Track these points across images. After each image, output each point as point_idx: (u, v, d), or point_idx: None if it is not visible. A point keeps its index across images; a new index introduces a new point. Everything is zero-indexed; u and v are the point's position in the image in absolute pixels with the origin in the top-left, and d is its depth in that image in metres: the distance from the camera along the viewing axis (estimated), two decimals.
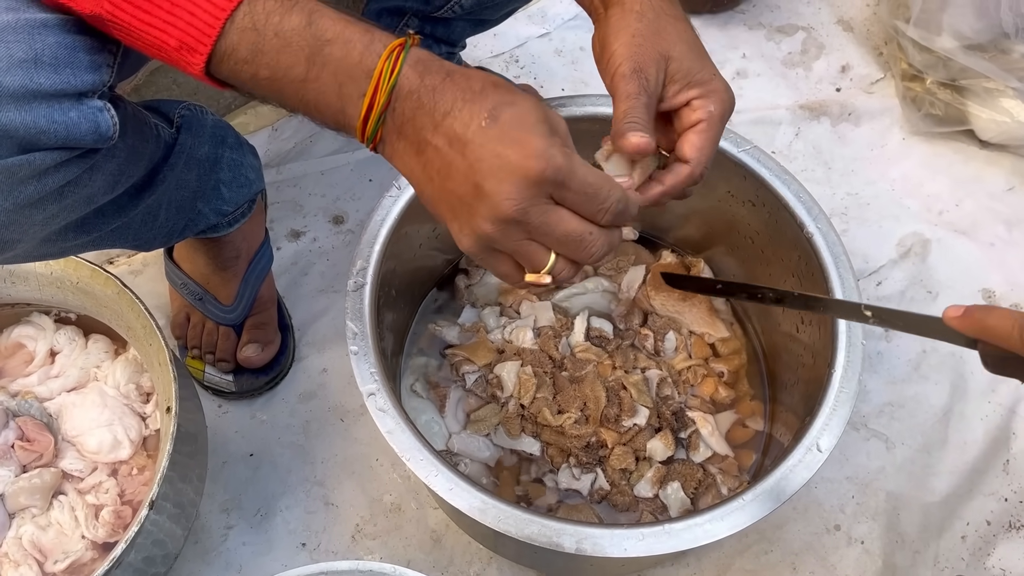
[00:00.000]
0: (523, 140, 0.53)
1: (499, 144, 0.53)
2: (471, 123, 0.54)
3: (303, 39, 0.54)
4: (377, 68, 0.54)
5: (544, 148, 0.53)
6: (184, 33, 0.53)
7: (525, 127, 0.53)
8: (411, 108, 0.55)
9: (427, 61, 0.55)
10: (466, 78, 0.55)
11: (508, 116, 0.53)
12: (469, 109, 0.54)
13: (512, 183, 0.54)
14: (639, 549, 0.70)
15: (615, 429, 0.92)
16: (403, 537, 0.98)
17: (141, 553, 0.79)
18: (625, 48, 0.65)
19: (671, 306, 1.02)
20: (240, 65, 0.55)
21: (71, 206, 0.64)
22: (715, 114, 0.66)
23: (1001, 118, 1.22)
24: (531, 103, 0.55)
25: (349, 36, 0.54)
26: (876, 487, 1.03)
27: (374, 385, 0.77)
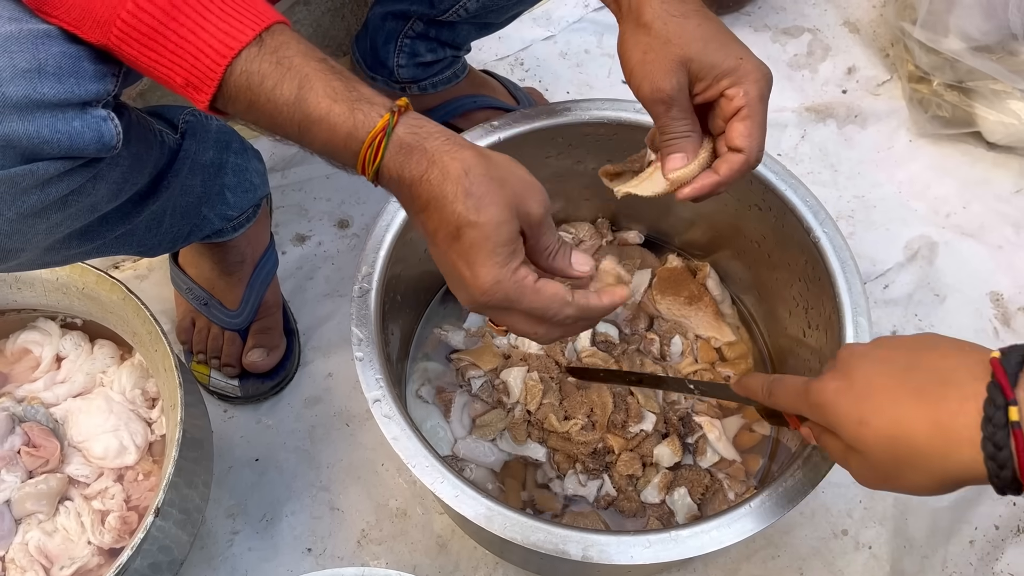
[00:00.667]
0: (476, 269, 0.56)
1: (459, 261, 0.57)
2: (439, 230, 0.57)
3: (292, 112, 0.56)
4: (360, 155, 0.56)
5: (491, 283, 0.56)
6: (190, 73, 0.55)
7: (481, 255, 0.56)
8: (395, 189, 0.59)
9: (409, 150, 0.56)
10: (442, 178, 0.56)
11: (469, 239, 0.56)
12: (438, 215, 0.56)
13: (465, 295, 0.59)
14: (646, 556, 0.70)
15: (622, 435, 0.91)
16: (409, 543, 0.98)
17: (147, 559, 0.79)
18: (639, 68, 0.67)
19: (677, 310, 1.02)
20: (241, 113, 0.57)
21: (75, 215, 0.64)
22: (753, 96, 0.65)
23: (1009, 120, 1.22)
24: (494, 224, 0.56)
25: (333, 120, 0.56)
26: (884, 492, 1.02)
27: (379, 391, 0.77)
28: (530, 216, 0.58)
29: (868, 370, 0.57)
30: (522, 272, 0.58)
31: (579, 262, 0.63)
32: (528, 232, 0.59)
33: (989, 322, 1.15)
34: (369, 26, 1.15)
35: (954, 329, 1.13)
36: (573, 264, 0.62)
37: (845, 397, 0.57)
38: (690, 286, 1.03)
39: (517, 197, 0.57)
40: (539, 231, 0.59)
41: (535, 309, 0.59)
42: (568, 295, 0.60)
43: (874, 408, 0.55)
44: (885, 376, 0.56)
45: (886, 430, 0.54)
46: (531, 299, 0.58)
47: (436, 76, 1.15)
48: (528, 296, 0.58)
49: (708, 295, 1.03)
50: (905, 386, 0.54)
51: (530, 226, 0.58)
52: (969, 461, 0.51)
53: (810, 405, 0.60)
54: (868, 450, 0.55)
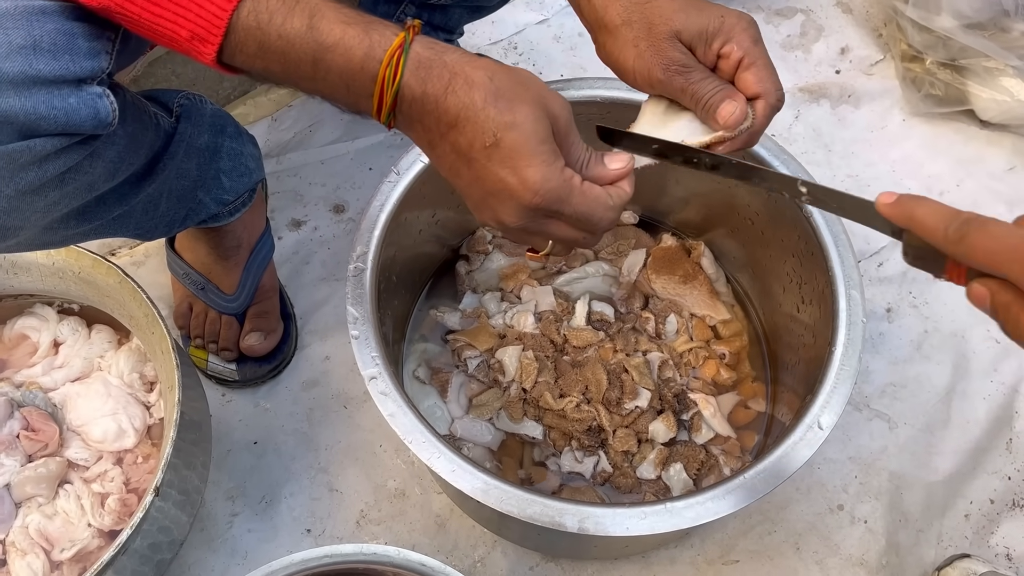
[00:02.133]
0: (523, 171, 0.55)
1: (500, 168, 0.55)
2: (474, 142, 0.55)
3: (305, 43, 0.55)
4: (379, 75, 0.55)
5: (541, 181, 0.55)
6: (195, 25, 0.55)
7: (525, 155, 0.55)
8: (417, 112, 0.56)
9: (428, 64, 0.55)
10: (468, 87, 0.55)
11: (509, 141, 0.55)
12: (472, 127, 0.55)
13: (511, 206, 0.57)
14: (641, 527, 0.70)
15: (617, 412, 0.92)
16: (407, 522, 0.99)
17: (147, 539, 0.80)
18: (640, 60, 0.66)
19: (672, 289, 1.02)
20: (251, 59, 0.56)
21: (72, 193, 0.64)
22: (748, 45, 0.66)
23: (1001, 97, 1.22)
24: (532, 122, 0.55)
25: (348, 42, 0.55)
26: (879, 467, 1.03)
27: (375, 369, 0.77)
28: (558, 119, 0.57)
29: None
30: (568, 172, 0.57)
31: (614, 161, 0.62)
32: (558, 138, 0.58)
33: None
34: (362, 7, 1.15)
35: (948, 307, 1.14)
36: (609, 166, 0.61)
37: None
38: (685, 265, 1.03)
39: (543, 98, 0.57)
40: (568, 138, 0.59)
41: (582, 212, 0.58)
42: (608, 198, 0.59)
43: None
44: None
45: None
46: (579, 200, 0.57)
47: None
48: (576, 196, 0.57)
49: (703, 274, 1.03)
50: None
51: (559, 129, 0.58)
52: None
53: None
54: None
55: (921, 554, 0.99)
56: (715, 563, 0.97)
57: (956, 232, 0.50)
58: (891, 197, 0.54)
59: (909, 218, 0.54)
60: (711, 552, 0.98)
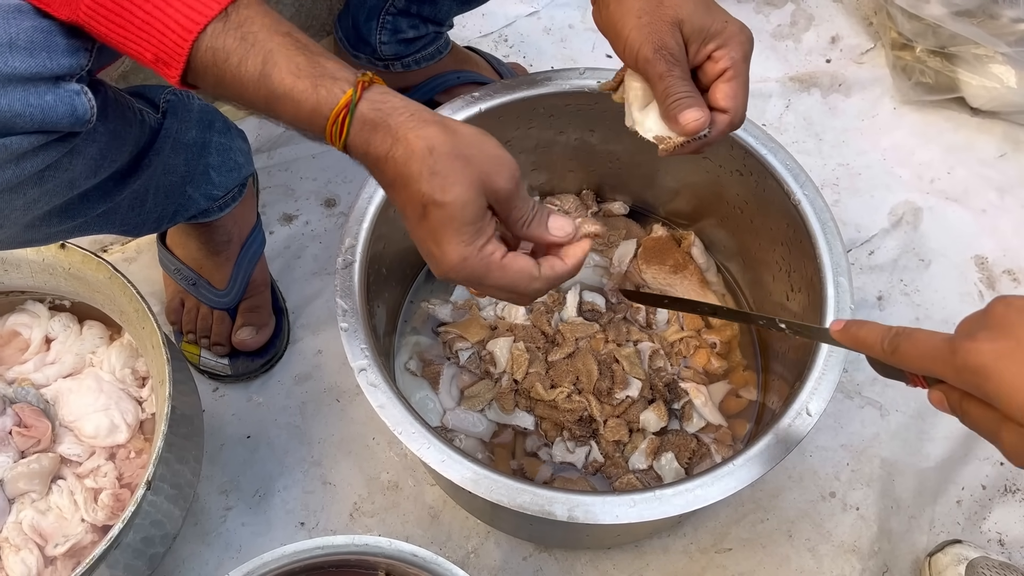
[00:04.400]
0: (443, 246, 0.57)
1: (427, 238, 0.58)
2: (407, 206, 0.58)
3: (258, 89, 0.56)
4: (327, 131, 0.56)
5: (458, 261, 0.57)
6: (158, 50, 0.55)
7: (447, 235, 0.57)
8: (362, 162, 0.59)
9: (373, 126, 0.56)
10: (407, 157, 0.55)
11: (435, 219, 0.56)
12: (406, 194, 0.57)
13: (436, 268, 0.60)
14: (631, 515, 0.71)
15: (608, 402, 0.92)
16: (401, 514, 0.99)
17: (139, 534, 0.80)
18: (636, 32, 0.67)
19: (663, 279, 1.03)
20: (211, 88, 0.57)
21: (53, 190, 0.64)
22: (737, 58, 0.67)
23: (991, 84, 1.22)
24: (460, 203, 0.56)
25: (297, 96, 0.56)
26: (871, 454, 1.03)
27: (365, 361, 0.77)
28: (498, 192, 0.58)
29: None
30: (488, 249, 0.58)
31: (556, 227, 0.62)
32: (498, 207, 0.59)
33: (974, 285, 1.15)
34: (351, 4, 1.15)
35: (939, 294, 1.14)
36: (551, 230, 0.62)
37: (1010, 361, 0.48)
38: (675, 255, 1.03)
39: (484, 174, 0.57)
40: (509, 205, 0.59)
41: (502, 285, 0.60)
42: (535, 270, 0.61)
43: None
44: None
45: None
46: (497, 275, 0.59)
47: (419, 52, 1.15)
48: (495, 273, 0.59)
49: (693, 263, 1.04)
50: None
51: (498, 201, 0.58)
52: None
53: (957, 369, 0.51)
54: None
55: (913, 540, 0.99)
56: (708, 551, 0.98)
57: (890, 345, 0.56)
58: (839, 324, 0.60)
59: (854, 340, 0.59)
60: (704, 540, 0.98)
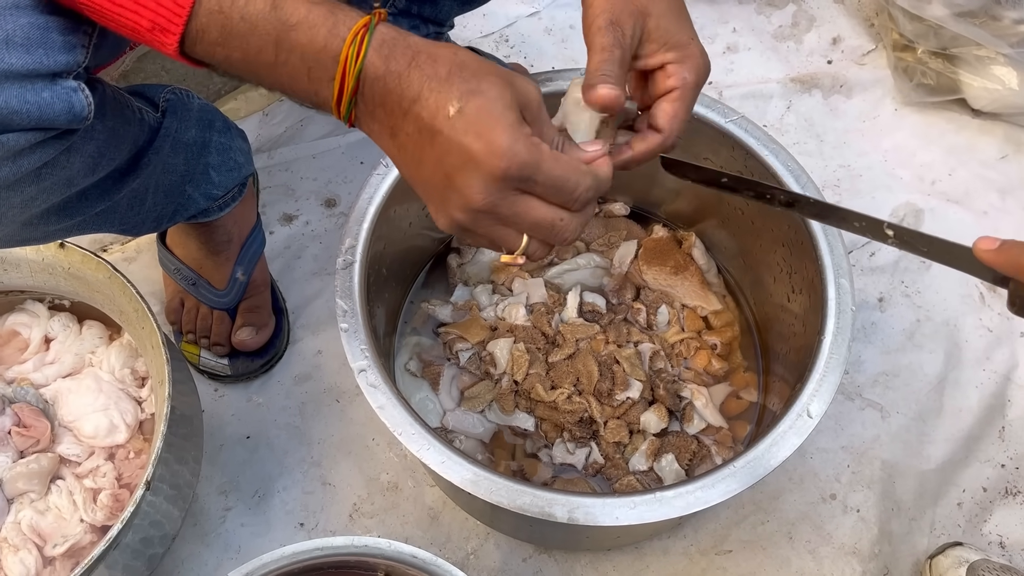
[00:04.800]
0: (488, 135, 0.52)
1: (465, 137, 0.53)
2: (438, 113, 0.53)
3: (269, 23, 0.53)
4: (342, 53, 0.53)
5: (508, 145, 0.52)
6: (155, 14, 0.53)
7: (491, 120, 0.53)
8: (380, 93, 0.55)
9: (392, 42, 0.54)
10: (432, 61, 0.54)
11: (474, 107, 0.53)
12: (435, 97, 0.53)
13: (479, 179, 0.53)
14: (631, 517, 0.70)
15: (608, 403, 0.92)
16: (400, 515, 0.99)
17: (138, 534, 0.80)
18: (603, 1, 0.64)
19: (663, 280, 1.02)
20: (212, 47, 0.55)
21: (50, 188, 0.64)
22: (689, 82, 0.65)
23: (993, 86, 1.22)
24: (497, 89, 0.54)
25: (313, 20, 0.53)
26: (871, 456, 1.03)
27: (365, 361, 0.77)
28: (528, 95, 0.55)
29: None
30: (536, 138, 0.54)
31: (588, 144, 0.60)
32: (528, 117, 0.56)
33: (975, 287, 1.15)
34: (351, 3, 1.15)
35: (940, 295, 1.14)
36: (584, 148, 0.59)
37: None
38: (676, 256, 1.03)
39: (510, 76, 0.55)
40: (539, 118, 0.56)
41: (556, 177, 0.55)
42: (583, 164, 0.57)
43: None
44: None
45: None
46: (551, 164, 0.54)
47: None
48: (548, 161, 0.54)
49: (694, 264, 1.03)
50: None
51: (528, 108, 0.55)
52: None
53: None
54: None
55: (914, 542, 0.99)
56: (708, 553, 0.97)
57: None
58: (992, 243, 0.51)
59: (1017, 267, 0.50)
60: (704, 542, 0.98)
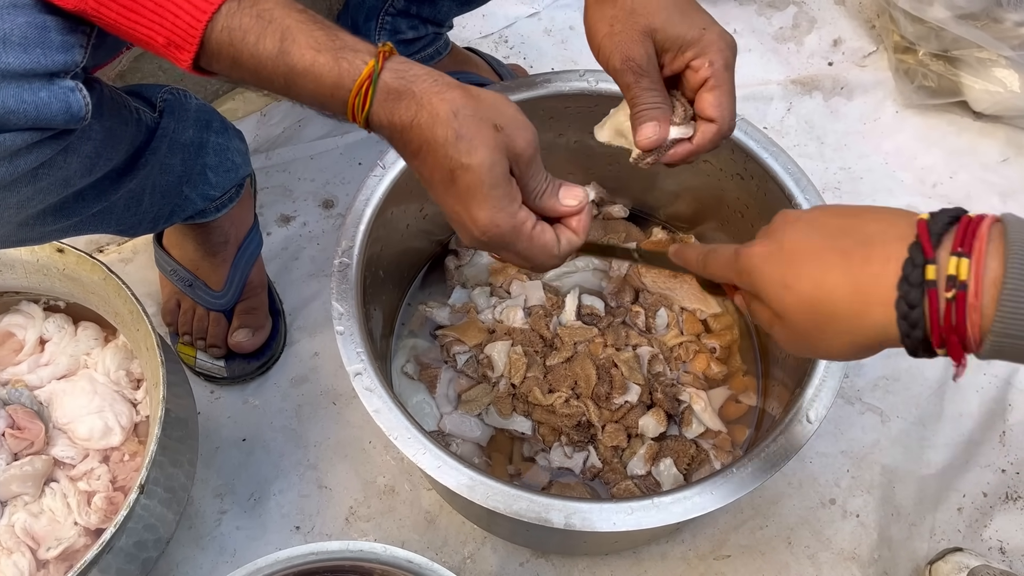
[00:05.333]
0: (473, 212, 0.57)
1: (456, 204, 0.58)
2: (434, 175, 0.58)
3: (277, 66, 0.56)
4: (349, 103, 0.56)
5: (488, 224, 0.58)
6: (171, 33, 0.55)
7: (477, 198, 0.57)
8: (387, 135, 0.59)
9: (397, 95, 0.56)
10: (432, 122, 0.56)
11: (464, 182, 0.57)
12: (432, 160, 0.57)
13: (465, 234, 0.60)
14: (628, 523, 0.70)
15: (606, 407, 0.91)
16: (397, 519, 0.98)
17: (132, 537, 0.79)
18: (607, 40, 0.67)
19: (662, 283, 1.02)
20: (226, 70, 0.57)
21: (46, 189, 0.63)
22: (718, 67, 0.66)
23: (994, 88, 1.21)
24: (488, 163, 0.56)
25: (318, 71, 0.56)
26: (871, 460, 1.02)
27: (360, 365, 0.77)
28: (519, 156, 0.58)
29: (798, 235, 0.56)
30: (522, 215, 0.59)
31: (568, 196, 0.63)
32: (517, 172, 0.59)
33: None
34: (350, 3, 1.14)
35: None
36: (562, 200, 0.62)
37: (771, 262, 0.56)
38: None
39: (506, 136, 0.57)
40: (528, 171, 0.59)
41: (525, 255, 0.61)
42: (556, 247, 0.62)
43: (798, 272, 0.54)
44: (815, 240, 0.54)
45: (808, 293, 0.53)
46: (525, 245, 0.60)
47: (418, 53, 1.14)
48: (523, 242, 0.60)
49: None
50: (832, 250, 0.53)
51: (518, 165, 0.59)
52: (883, 321, 0.50)
53: (738, 271, 0.59)
54: (790, 314, 0.55)
55: (914, 548, 0.98)
56: (706, 558, 0.97)
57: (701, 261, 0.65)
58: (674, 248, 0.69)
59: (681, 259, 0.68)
60: (703, 547, 0.97)
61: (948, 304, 0.48)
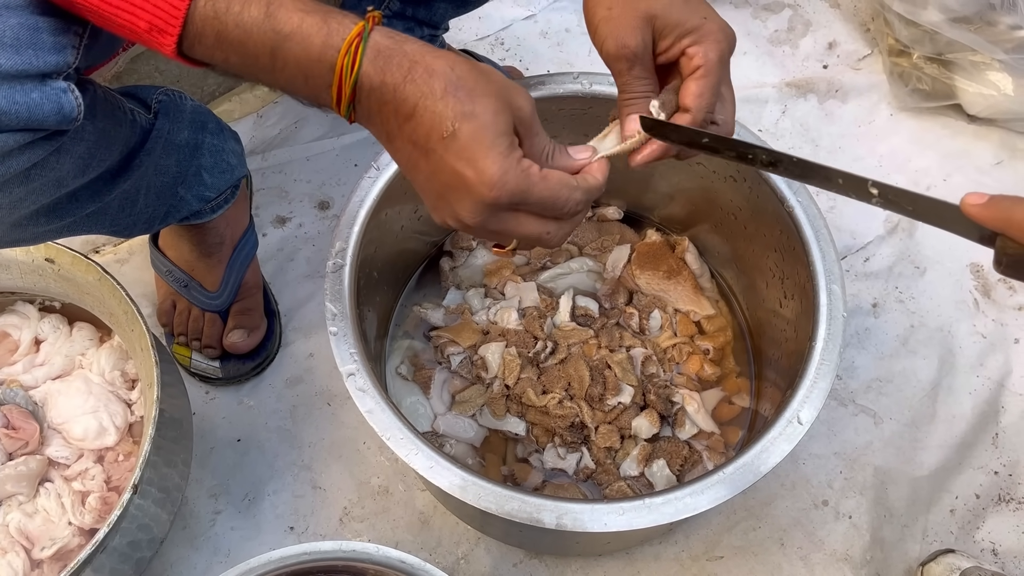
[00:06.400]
0: (480, 164, 0.53)
1: (458, 161, 0.54)
2: (432, 133, 0.54)
3: (263, 33, 0.54)
4: (337, 64, 0.54)
5: (499, 175, 0.53)
6: (153, 16, 0.54)
7: (483, 148, 0.53)
8: (376, 103, 0.55)
9: (388, 53, 0.54)
10: (428, 75, 0.54)
11: (467, 132, 0.53)
12: (430, 116, 0.54)
13: (470, 201, 0.55)
14: (619, 523, 0.70)
15: (600, 408, 0.92)
16: (391, 519, 0.98)
17: (126, 537, 0.80)
18: (604, 24, 0.65)
19: (656, 285, 1.02)
20: (210, 50, 0.55)
21: (39, 189, 0.64)
22: (712, 58, 0.64)
23: (988, 92, 1.21)
24: (492, 112, 0.54)
25: (306, 30, 0.54)
26: (864, 462, 1.03)
27: (353, 365, 0.77)
28: (521, 110, 0.56)
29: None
30: (526, 163, 0.55)
31: (579, 152, 0.61)
32: (521, 131, 0.57)
33: (969, 293, 1.15)
34: (346, 6, 1.14)
35: (934, 301, 1.14)
36: (574, 156, 0.61)
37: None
38: (669, 260, 1.03)
39: (506, 91, 0.56)
40: (531, 129, 0.57)
41: (545, 199, 0.56)
42: (572, 180, 0.58)
43: None
44: None
45: None
46: (540, 188, 0.55)
47: None
48: (537, 185, 0.55)
49: (687, 269, 1.03)
50: None
51: (522, 122, 0.56)
52: None
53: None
54: None
55: (906, 549, 0.98)
56: (699, 559, 0.97)
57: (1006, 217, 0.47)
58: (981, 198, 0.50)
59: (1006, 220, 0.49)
60: (696, 548, 0.97)
61: None
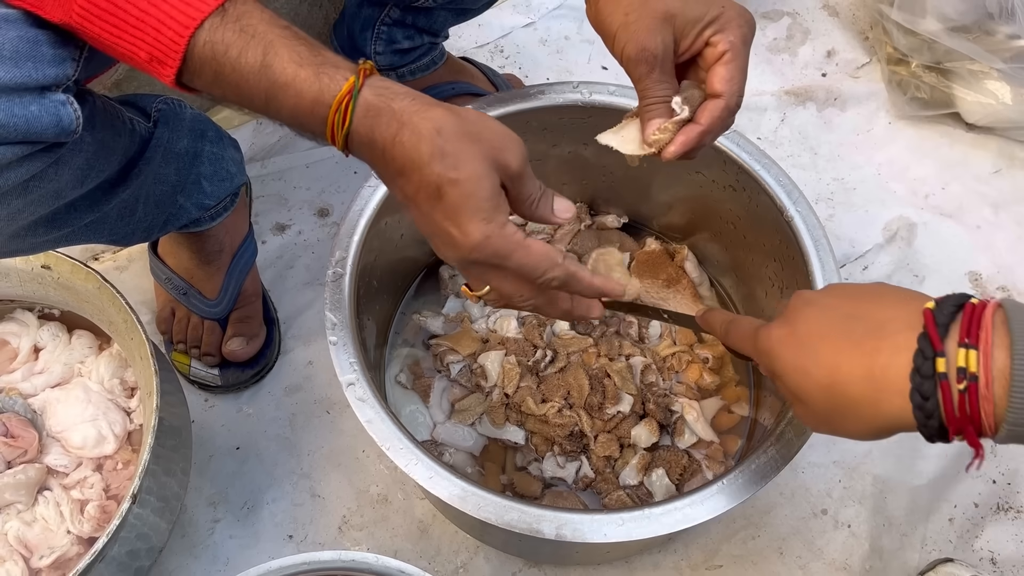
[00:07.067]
0: (464, 227, 0.56)
1: (444, 220, 0.56)
2: (419, 193, 0.56)
3: (258, 80, 0.55)
4: (328, 120, 0.56)
5: (480, 239, 0.56)
6: (153, 48, 0.55)
7: (467, 211, 0.55)
8: (368, 155, 0.58)
9: (377, 112, 0.55)
10: (415, 139, 0.55)
11: (452, 197, 0.55)
12: (417, 178, 0.56)
13: (454, 252, 0.58)
14: (619, 534, 0.70)
15: (599, 417, 0.92)
16: (390, 528, 0.98)
17: (125, 547, 0.80)
18: (623, 31, 0.65)
19: (655, 293, 1.02)
20: (208, 86, 0.57)
21: (38, 201, 0.64)
22: (736, 42, 0.65)
23: (986, 100, 1.22)
24: (476, 176, 0.55)
25: (299, 85, 0.55)
26: (863, 471, 1.03)
27: (353, 375, 0.77)
28: (509, 168, 0.57)
29: (812, 319, 0.57)
30: (510, 228, 0.57)
31: (561, 208, 0.62)
32: (508, 184, 0.58)
33: None
34: (346, 14, 1.15)
35: None
36: (556, 210, 0.62)
37: (787, 345, 0.58)
38: (668, 269, 1.03)
39: (494, 150, 0.56)
40: (520, 182, 0.59)
41: (524, 266, 0.58)
42: (558, 256, 0.59)
43: (814, 358, 0.55)
44: (827, 325, 0.56)
45: (824, 380, 0.55)
46: (521, 255, 0.58)
47: (414, 63, 1.15)
48: (518, 252, 0.57)
49: (686, 277, 1.03)
50: (845, 337, 0.54)
51: (510, 178, 0.58)
52: (899, 411, 0.51)
53: (757, 351, 0.61)
54: (808, 398, 0.56)
55: (905, 558, 0.98)
56: (699, 568, 0.97)
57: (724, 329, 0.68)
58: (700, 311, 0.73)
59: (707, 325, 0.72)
60: (695, 557, 0.97)
61: (961, 395, 0.49)
